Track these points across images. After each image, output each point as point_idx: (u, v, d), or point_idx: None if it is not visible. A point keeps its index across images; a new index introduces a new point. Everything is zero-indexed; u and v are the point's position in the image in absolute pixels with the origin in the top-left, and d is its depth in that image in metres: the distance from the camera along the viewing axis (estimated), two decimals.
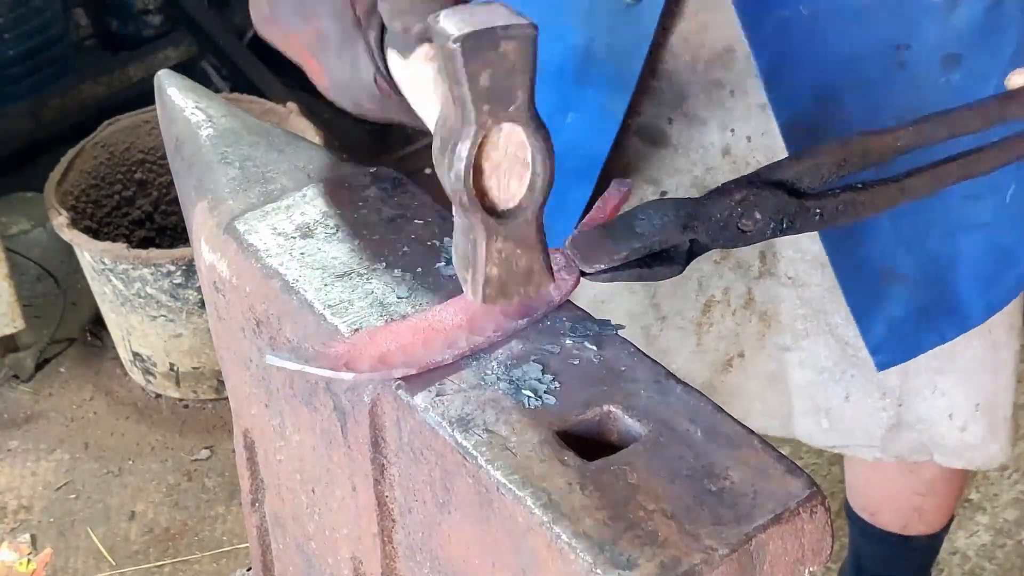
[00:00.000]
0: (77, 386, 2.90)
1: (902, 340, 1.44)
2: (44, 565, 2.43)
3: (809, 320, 1.48)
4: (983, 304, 1.47)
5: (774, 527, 0.75)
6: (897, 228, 1.37)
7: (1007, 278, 1.47)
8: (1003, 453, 1.68)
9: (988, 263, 1.44)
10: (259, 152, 1.09)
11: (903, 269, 1.40)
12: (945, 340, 1.47)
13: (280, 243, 0.98)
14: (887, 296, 1.41)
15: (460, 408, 0.82)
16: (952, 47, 1.27)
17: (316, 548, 1.04)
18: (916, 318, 1.43)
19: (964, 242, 1.41)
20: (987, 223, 1.40)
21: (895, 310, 1.42)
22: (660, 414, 0.81)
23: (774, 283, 1.46)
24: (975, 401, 1.59)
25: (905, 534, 1.89)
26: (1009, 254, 1.45)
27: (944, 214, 1.38)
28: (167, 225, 3.02)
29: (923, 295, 1.42)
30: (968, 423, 1.60)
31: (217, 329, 1.07)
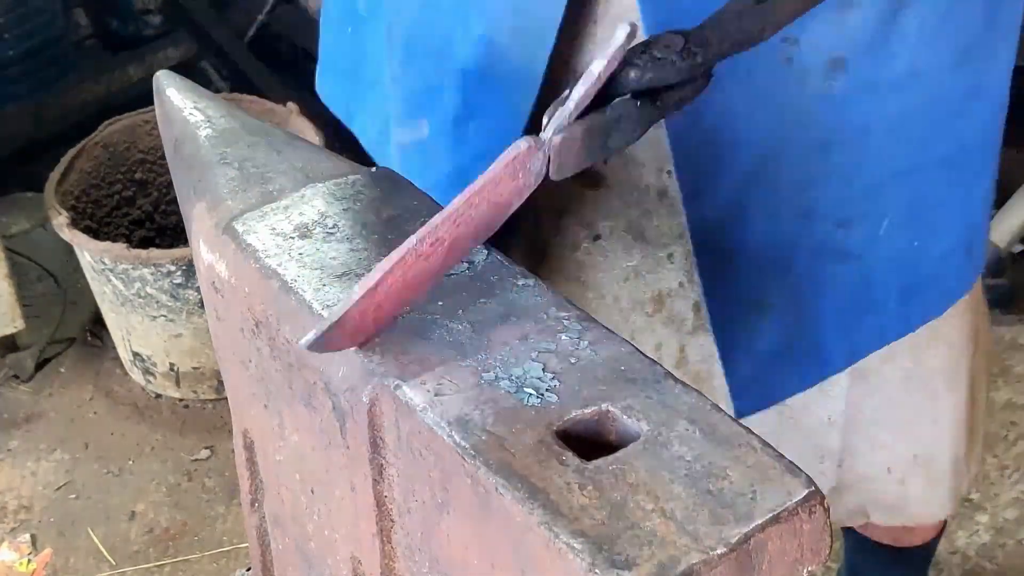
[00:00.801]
0: (77, 386, 2.91)
1: (764, 382, 1.37)
2: (44, 565, 2.44)
3: None
4: (845, 349, 1.39)
5: (773, 527, 0.75)
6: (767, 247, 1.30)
7: (871, 325, 1.39)
8: (941, 510, 1.62)
9: (853, 302, 1.36)
10: (258, 152, 1.09)
11: (772, 297, 1.33)
12: (804, 386, 1.40)
13: (279, 243, 0.98)
14: (754, 329, 1.34)
15: (459, 408, 0.82)
16: (839, 51, 1.22)
17: (315, 548, 1.04)
18: (780, 357, 1.36)
19: (830, 272, 1.33)
20: (857, 255, 1.33)
21: (762, 345, 1.35)
22: (659, 414, 0.81)
23: (708, 339, 1.38)
24: (913, 452, 1.53)
25: (897, 546, 1.89)
26: (876, 299, 1.37)
27: (813, 236, 1.31)
28: (167, 225, 3.02)
29: (788, 327, 1.35)
30: (907, 476, 1.55)
31: (216, 329, 1.07)
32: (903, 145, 1.29)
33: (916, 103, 1.27)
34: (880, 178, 1.30)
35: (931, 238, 1.37)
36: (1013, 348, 2.84)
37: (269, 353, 0.98)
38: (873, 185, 1.30)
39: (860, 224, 1.32)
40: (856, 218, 1.31)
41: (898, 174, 1.31)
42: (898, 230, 1.34)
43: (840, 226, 1.31)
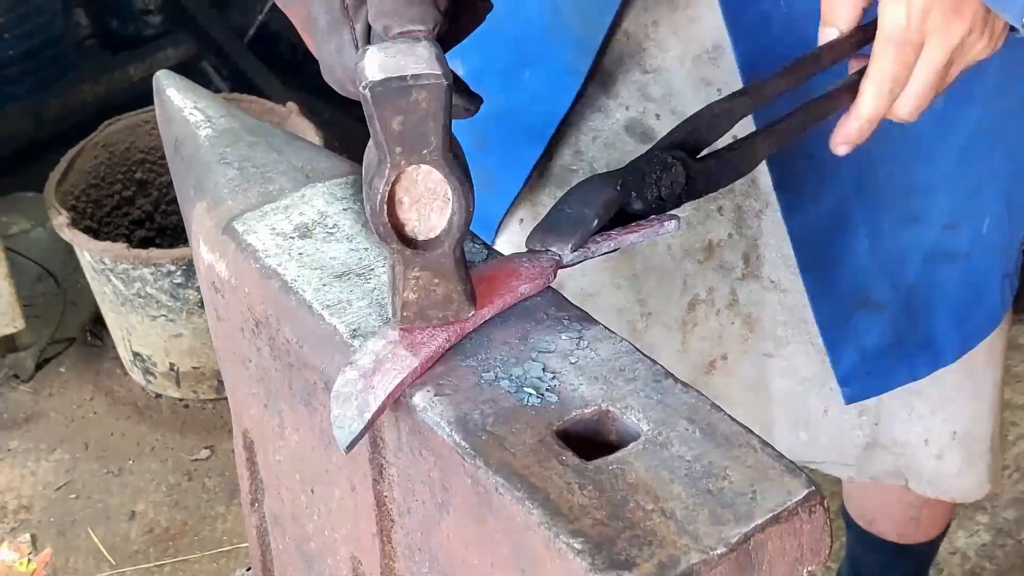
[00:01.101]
0: (77, 386, 2.91)
1: (872, 373, 1.42)
2: (44, 565, 2.43)
3: (790, 327, 1.46)
4: (957, 340, 1.45)
5: (773, 527, 0.75)
6: (876, 253, 1.36)
7: (980, 314, 1.45)
8: (980, 488, 1.64)
9: (963, 297, 1.42)
10: (258, 152, 1.09)
11: (880, 296, 1.38)
12: (916, 377, 1.46)
13: (279, 243, 0.98)
14: (861, 326, 1.39)
15: (458, 408, 0.82)
16: None
17: (315, 548, 1.04)
18: (889, 351, 1.42)
19: (942, 272, 1.40)
20: (965, 253, 1.39)
21: (869, 340, 1.40)
22: (659, 413, 0.81)
23: (757, 286, 1.45)
24: (952, 429, 1.56)
25: (902, 542, 1.89)
26: (983, 289, 1.43)
27: (924, 241, 1.37)
28: (167, 225, 3.03)
29: (899, 326, 1.41)
30: (944, 451, 1.57)
31: (216, 329, 1.07)
32: (999, 149, 1.35)
33: (1007, 108, 1.34)
34: (981, 181, 1.36)
35: (1018, 226, 1.46)
36: (1013, 348, 2.84)
37: (269, 353, 0.98)
38: (975, 188, 1.37)
39: (966, 225, 1.38)
40: (962, 220, 1.38)
41: (995, 175, 1.37)
42: (998, 226, 1.41)
43: (948, 228, 1.37)
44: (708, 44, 1.31)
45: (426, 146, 0.81)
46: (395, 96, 0.79)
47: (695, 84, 1.33)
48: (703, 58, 1.32)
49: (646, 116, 1.37)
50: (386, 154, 0.81)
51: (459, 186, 0.83)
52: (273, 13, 3.78)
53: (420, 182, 0.83)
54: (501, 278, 0.91)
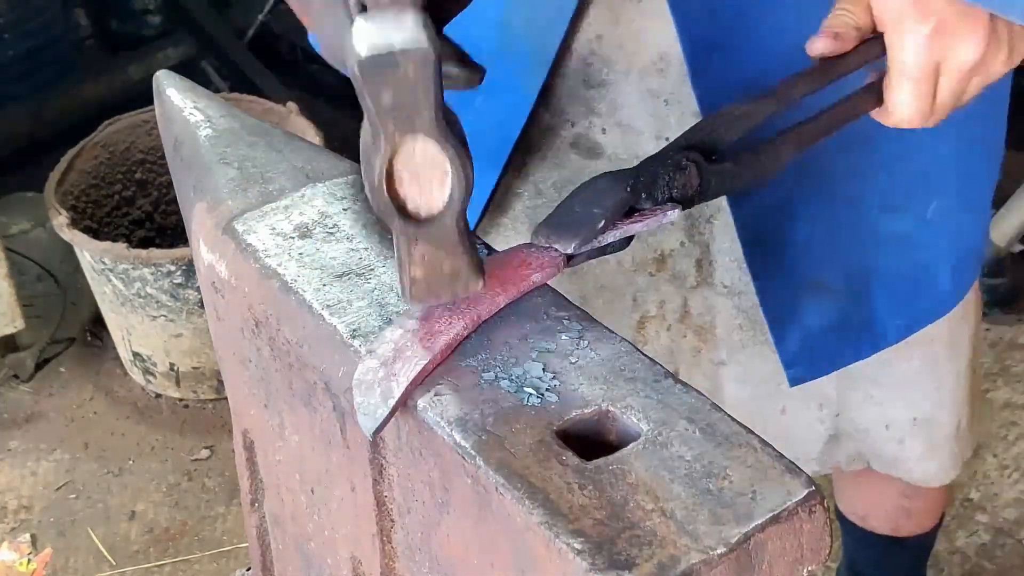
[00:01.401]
0: (77, 386, 2.91)
1: (816, 355, 1.42)
2: (44, 565, 2.43)
3: (746, 330, 1.45)
4: (900, 324, 1.44)
5: (773, 527, 0.75)
6: (821, 236, 1.36)
7: (925, 300, 1.45)
8: (942, 473, 1.64)
9: (906, 281, 1.42)
10: (258, 152, 1.09)
11: (823, 279, 1.38)
12: (859, 357, 1.45)
13: (279, 243, 0.98)
14: (805, 308, 1.39)
15: (459, 408, 0.82)
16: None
17: (315, 548, 1.04)
18: (833, 332, 1.41)
19: (883, 255, 1.39)
20: (907, 236, 1.39)
21: (812, 322, 1.40)
22: (658, 413, 0.81)
23: (711, 293, 1.44)
24: (911, 415, 1.57)
25: (896, 535, 1.89)
26: (928, 275, 1.43)
27: (865, 223, 1.37)
28: (167, 225, 3.03)
29: (842, 308, 1.40)
30: (905, 436, 1.58)
31: (216, 329, 1.07)
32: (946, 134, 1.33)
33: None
34: (925, 166, 1.36)
35: (973, 214, 1.46)
36: (1013, 348, 2.84)
37: (269, 353, 0.98)
38: (919, 173, 1.36)
39: (908, 209, 1.38)
40: (903, 204, 1.37)
41: (942, 161, 1.36)
42: (946, 210, 1.40)
43: (889, 211, 1.37)
44: (654, 55, 1.30)
45: (419, 118, 0.80)
46: (383, 70, 0.78)
47: (642, 96, 1.33)
48: (649, 69, 1.32)
49: (592, 131, 1.37)
50: (379, 129, 0.80)
51: (456, 156, 0.82)
52: (273, 13, 3.78)
53: (417, 156, 0.82)
54: (512, 267, 0.91)
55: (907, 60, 1.07)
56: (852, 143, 1.30)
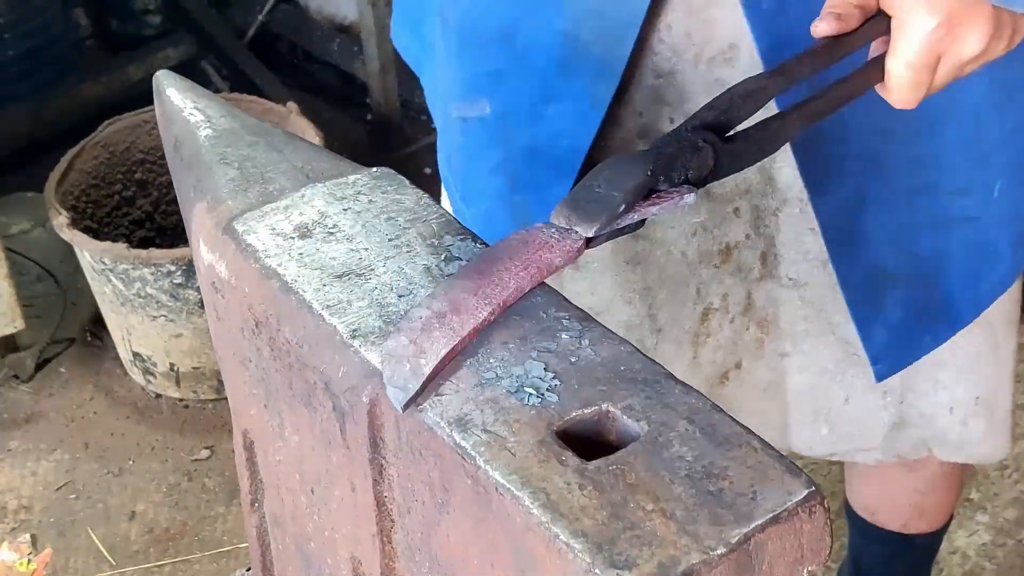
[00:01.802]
0: (77, 386, 2.91)
1: (900, 347, 1.44)
2: (44, 565, 2.43)
3: (810, 321, 1.47)
4: (972, 301, 1.47)
5: (773, 527, 0.75)
6: (890, 226, 1.38)
7: (993, 275, 1.48)
8: (1002, 449, 1.67)
9: (976, 260, 1.44)
10: (258, 152, 1.09)
11: (896, 269, 1.40)
12: (939, 343, 1.47)
13: (279, 243, 0.98)
14: (886, 300, 1.41)
15: (459, 408, 0.82)
16: None
17: (315, 548, 1.04)
18: (912, 322, 1.44)
19: (954, 238, 1.42)
20: (976, 217, 1.41)
21: (893, 315, 1.42)
22: (659, 414, 0.81)
23: (774, 285, 1.45)
24: (975, 394, 1.58)
25: (906, 532, 1.89)
26: (995, 251, 1.46)
27: (935, 208, 1.39)
28: (167, 225, 3.02)
29: (917, 296, 1.43)
30: (968, 417, 1.60)
31: (216, 329, 1.07)
32: (1006, 113, 1.36)
33: (1015, 74, 1.34)
34: (989, 146, 1.38)
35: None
36: None
37: (269, 353, 0.98)
38: (984, 154, 1.38)
39: (976, 191, 1.40)
40: (972, 186, 1.39)
41: (1005, 140, 1.38)
42: (1009, 189, 1.42)
43: (958, 195, 1.39)
44: (723, 44, 1.31)
45: None
46: None
47: (709, 86, 1.33)
48: (718, 59, 1.32)
49: (660, 121, 1.37)
50: None
51: None
52: (273, 13, 3.78)
53: None
54: (533, 250, 0.91)
55: (912, 50, 1.08)
56: (921, 131, 1.34)
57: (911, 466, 1.76)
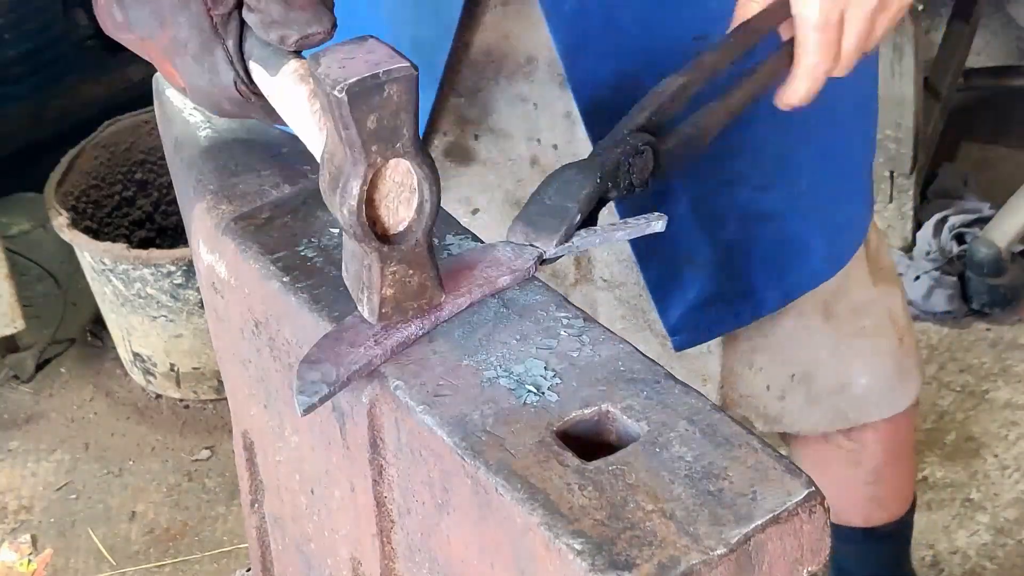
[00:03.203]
0: (77, 386, 2.91)
1: (698, 322, 1.47)
2: (44, 565, 2.44)
3: (627, 320, 1.49)
4: (778, 293, 1.50)
5: (773, 527, 0.75)
6: (695, 216, 1.39)
7: (800, 269, 1.50)
8: (828, 423, 1.69)
9: (779, 253, 1.47)
10: (257, 153, 1.09)
11: (701, 254, 1.43)
12: (740, 324, 1.51)
13: (279, 244, 0.98)
14: (684, 280, 1.44)
15: (459, 408, 0.82)
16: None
17: (315, 549, 1.04)
18: (712, 303, 1.46)
19: (756, 231, 1.44)
20: (779, 212, 1.43)
21: (691, 293, 1.44)
22: (658, 414, 0.81)
23: (591, 288, 1.47)
24: (789, 372, 1.61)
25: (868, 526, 1.90)
26: (802, 246, 1.48)
27: (738, 202, 1.41)
28: (167, 225, 3.02)
29: (718, 281, 1.45)
30: (786, 392, 1.62)
31: (216, 330, 1.07)
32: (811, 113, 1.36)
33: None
34: (793, 144, 1.40)
35: (846, 185, 1.51)
36: (1013, 348, 2.84)
37: (269, 353, 0.98)
38: (787, 151, 1.41)
39: (779, 187, 1.42)
40: (775, 182, 1.42)
41: (809, 138, 1.41)
42: (815, 186, 1.45)
43: (761, 190, 1.41)
44: (521, 59, 1.32)
45: (399, 139, 0.81)
46: (371, 94, 0.79)
47: (511, 101, 1.35)
48: (517, 74, 1.33)
49: (464, 138, 1.38)
50: (361, 154, 0.81)
51: (428, 173, 0.84)
52: None
53: (388, 177, 0.83)
54: (482, 268, 0.91)
55: (810, 13, 1.11)
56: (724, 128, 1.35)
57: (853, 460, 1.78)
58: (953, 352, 2.84)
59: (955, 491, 2.53)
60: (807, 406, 1.66)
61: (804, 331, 1.60)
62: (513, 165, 1.39)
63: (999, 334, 2.87)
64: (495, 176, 1.40)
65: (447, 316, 0.89)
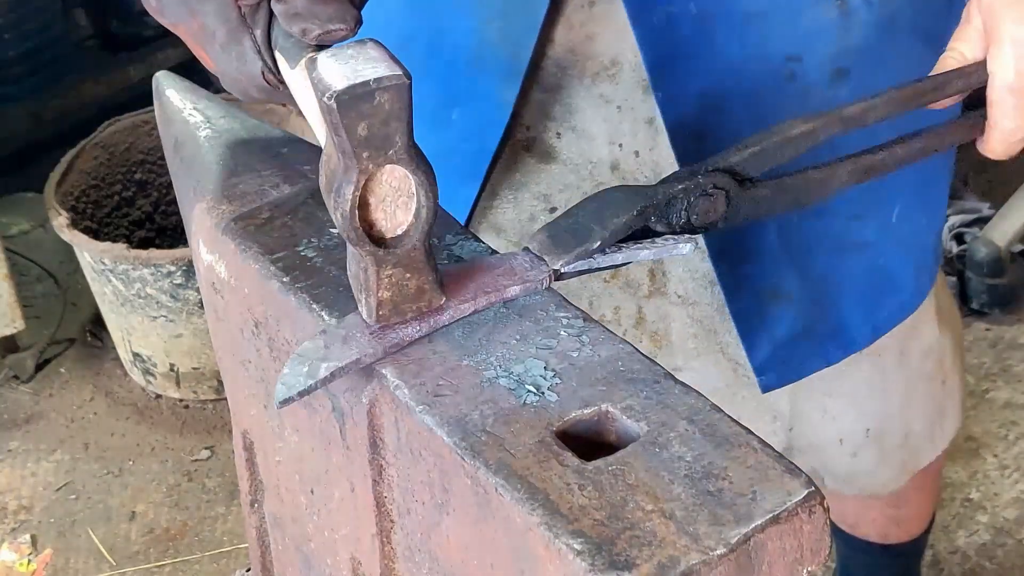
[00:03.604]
0: (77, 386, 2.91)
1: (787, 361, 1.42)
2: (44, 565, 2.44)
3: (700, 339, 1.45)
4: (868, 328, 1.46)
5: (773, 527, 0.75)
6: (784, 246, 1.36)
7: (890, 302, 1.46)
8: (895, 481, 1.65)
9: (871, 285, 1.43)
10: (257, 153, 1.09)
11: (788, 288, 1.39)
12: (830, 362, 1.46)
13: (278, 244, 0.98)
14: (772, 316, 1.40)
15: (458, 408, 0.82)
16: (842, 62, 1.26)
17: (315, 549, 1.04)
18: (801, 340, 1.42)
19: (848, 263, 1.40)
20: (871, 243, 1.40)
21: (780, 330, 1.41)
22: (658, 414, 0.81)
23: (664, 302, 1.44)
24: (865, 426, 1.57)
25: (886, 543, 1.89)
26: (892, 278, 1.44)
27: (829, 233, 1.38)
28: (167, 226, 3.03)
29: (808, 316, 1.41)
30: (859, 449, 1.58)
31: (216, 330, 1.07)
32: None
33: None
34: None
35: (933, 215, 1.47)
36: (1013, 348, 2.84)
37: (269, 353, 0.98)
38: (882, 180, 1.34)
39: (873, 216, 1.38)
40: (868, 211, 1.37)
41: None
42: (908, 215, 1.41)
43: (854, 219, 1.37)
44: (605, 60, 1.30)
45: (392, 146, 0.81)
46: (360, 102, 0.79)
47: (594, 102, 1.33)
48: (601, 75, 1.31)
49: (547, 135, 1.37)
50: (353, 160, 0.81)
51: (424, 179, 0.83)
52: None
53: (384, 181, 0.83)
54: (494, 275, 0.91)
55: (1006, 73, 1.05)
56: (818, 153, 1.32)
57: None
58: None
59: (955, 491, 2.53)
60: (880, 464, 1.61)
61: (879, 375, 1.55)
62: (593, 168, 1.37)
63: (999, 334, 2.88)
64: (575, 177, 1.38)
65: (448, 321, 0.89)
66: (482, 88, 1.32)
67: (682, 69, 1.24)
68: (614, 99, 1.32)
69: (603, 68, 1.31)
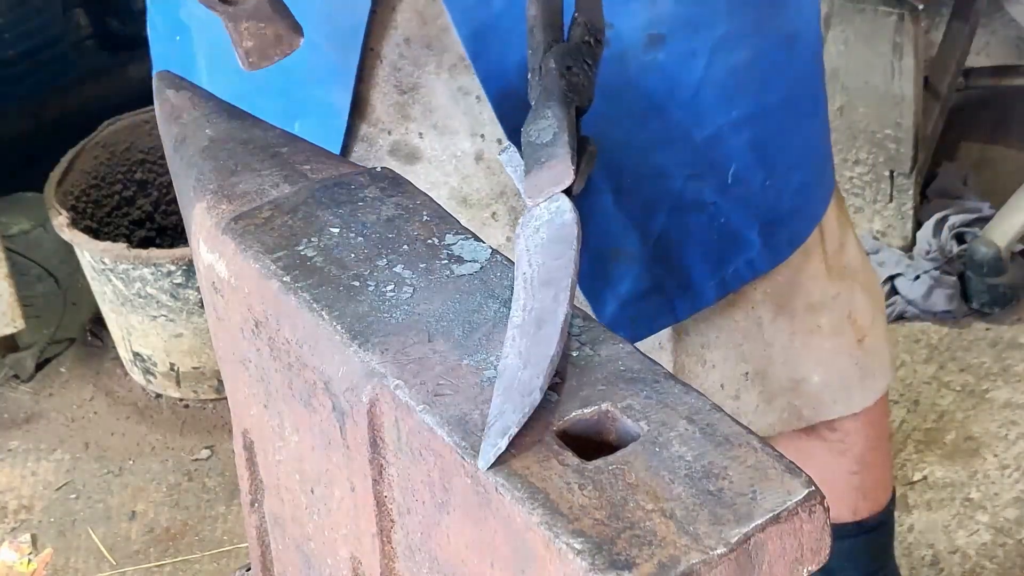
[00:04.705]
0: (77, 386, 2.91)
1: (637, 319, 1.46)
2: (45, 565, 2.44)
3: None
4: (715, 284, 1.49)
5: (773, 527, 0.75)
6: (621, 208, 1.39)
7: (737, 260, 1.49)
8: (784, 423, 1.68)
9: (715, 244, 1.47)
10: (257, 152, 1.09)
11: (631, 248, 1.42)
12: (679, 319, 1.50)
13: (278, 243, 0.98)
14: (616, 275, 1.43)
15: (459, 408, 0.82)
16: (657, 28, 1.31)
17: (315, 548, 1.04)
18: (652, 296, 1.46)
19: (689, 222, 1.44)
20: (711, 202, 1.43)
21: (624, 287, 1.44)
22: (658, 414, 0.81)
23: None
24: (743, 371, 1.60)
25: (857, 519, 1.91)
26: (736, 237, 1.47)
27: (669, 193, 1.41)
28: (167, 225, 3.03)
29: (654, 274, 1.45)
30: (740, 391, 1.62)
31: (216, 329, 1.07)
32: (735, 98, 1.38)
33: (739, 60, 1.37)
34: (718, 131, 1.40)
35: (782, 176, 1.50)
36: (1013, 348, 2.84)
37: (269, 353, 0.98)
38: (713, 138, 1.40)
39: (709, 175, 1.42)
40: (704, 171, 1.41)
41: (735, 125, 1.40)
42: (746, 175, 1.44)
43: (692, 179, 1.41)
44: (461, 51, 1.31)
45: None
46: None
47: (453, 95, 1.34)
48: (458, 67, 1.33)
49: (409, 136, 1.38)
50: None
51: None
52: None
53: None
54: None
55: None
56: (642, 116, 1.35)
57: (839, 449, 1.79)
58: (953, 352, 2.84)
59: (955, 491, 2.53)
60: (762, 405, 1.65)
61: (755, 326, 1.59)
62: (458, 162, 1.39)
63: (999, 334, 2.88)
64: (440, 173, 1.40)
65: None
66: (315, 98, 1.36)
67: (497, 41, 1.27)
68: (472, 90, 1.34)
69: (460, 59, 1.32)
